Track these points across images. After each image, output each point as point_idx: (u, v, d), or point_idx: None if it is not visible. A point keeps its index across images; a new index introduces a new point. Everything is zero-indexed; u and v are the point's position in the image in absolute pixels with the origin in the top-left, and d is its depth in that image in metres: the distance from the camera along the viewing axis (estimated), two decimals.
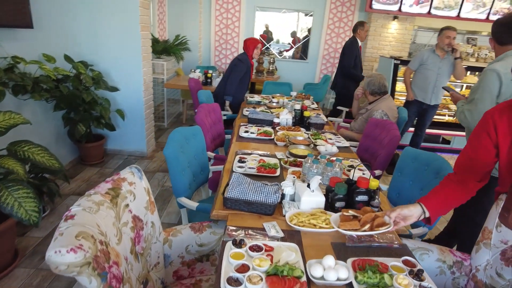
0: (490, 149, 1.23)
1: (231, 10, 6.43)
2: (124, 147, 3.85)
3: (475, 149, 1.28)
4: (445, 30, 3.54)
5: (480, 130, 1.25)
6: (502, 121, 1.18)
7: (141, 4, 3.40)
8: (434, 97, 3.78)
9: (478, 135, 1.26)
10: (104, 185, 1.17)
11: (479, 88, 1.88)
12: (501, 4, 5.73)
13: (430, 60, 3.68)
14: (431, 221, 1.34)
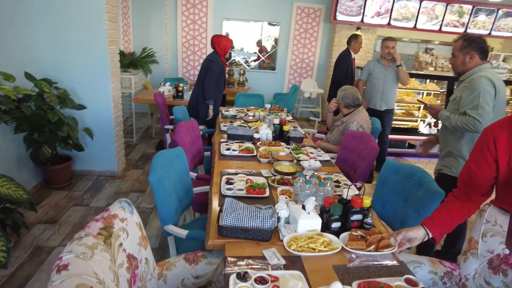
0: (491, 163, 1.27)
1: (198, 21, 6.37)
2: (93, 168, 3.64)
3: (477, 163, 1.31)
4: (385, 41, 3.80)
5: (482, 144, 1.30)
6: (502, 136, 1.23)
7: (108, 17, 3.26)
8: (384, 103, 3.96)
9: (480, 149, 1.31)
10: (94, 224, 1.09)
11: (478, 94, 1.97)
12: (451, 17, 6.20)
13: (376, 69, 3.91)
14: (436, 240, 1.37)
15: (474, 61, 2.08)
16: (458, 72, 2.19)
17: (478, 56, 2.07)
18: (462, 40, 2.10)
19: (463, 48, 2.09)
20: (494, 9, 6.26)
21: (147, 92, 4.87)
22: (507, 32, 6.50)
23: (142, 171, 3.88)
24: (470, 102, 2.00)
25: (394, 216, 1.97)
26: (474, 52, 2.06)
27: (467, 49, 2.07)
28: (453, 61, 2.17)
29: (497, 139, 1.24)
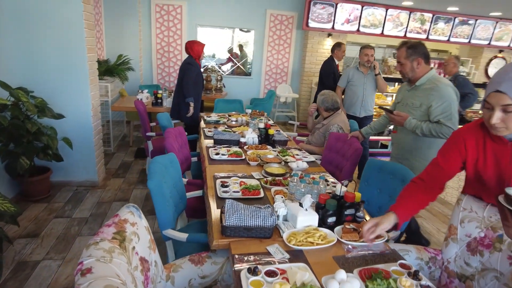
0: (458, 163, 1.43)
1: (172, 28, 6.36)
2: (72, 178, 3.54)
3: (445, 161, 1.47)
4: (364, 49, 3.89)
5: (452, 146, 1.45)
6: (471, 140, 1.38)
7: (87, 25, 3.22)
8: (363, 110, 4.04)
9: (449, 149, 1.46)
10: (107, 229, 1.11)
11: (449, 104, 2.08)
12: (414, 24, 6.62)
13: (356, 76, 4.00)
14: (398, 227, 1.45)
15: (422, 67, 2.19)
16: (409, 78, 2.26)
17: (423, 61, 2.18)
18: (406, 48, 2.20)
19: (409, 56, 2.18)
20: (451, 17, 6.77)
21: (123, 100, 4.80)
22: (463, 39, 7.03)
23: (123, 180, 3.82)
24: (443, 112, 2.08)
25: (378, 211, 2.11)
26: (420, 58, 2.16)
27: (413, 56, 2.17)
28: (402, 68, 2.25)
29: (467, 142, 1.38)
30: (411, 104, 2.26)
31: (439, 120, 2.10)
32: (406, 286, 1.14)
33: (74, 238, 2.69)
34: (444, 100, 2.09)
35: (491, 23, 7.05)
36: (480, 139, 1.36)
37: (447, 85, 2.13)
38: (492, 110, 1.19)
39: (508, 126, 1.19)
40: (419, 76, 2.21)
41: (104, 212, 3.08)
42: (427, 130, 2.13)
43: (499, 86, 1.14)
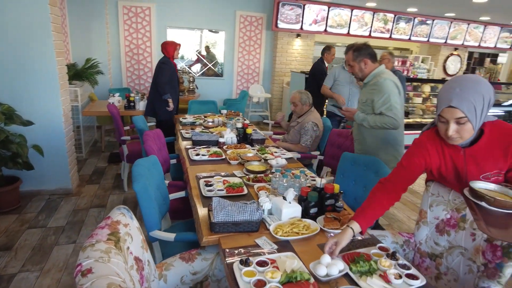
0: (421, 168, 1.51)
1: (141, 30, 6.26)
2: (44, 187, 3.42)
3: (410, 165, 1.51)
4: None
5: (417, 152, 1.50)
6: (432, 148, 1.47)
7: (54, 28, 3.12)
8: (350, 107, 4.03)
9: (414, 155, 1.51)
10: (101, 231, 1.13)
11: (388, 96, 2.23)
12: (378, 24, 6.95)
13: (342, 75, 3.97)
14: (363, 233, 1.48)
15: (369, 66, 2.33)
16: (359, 77, 2.43)
17: (370, 61, 2.32)
18: (352, 51, 2.34)
19: (355, 58, 2.32)
20: (411, 18, 7.17)
21: (94, 104, 4.67)
22: (422, 37, 7.47)
23: (98, 186, 3.73)
24: (383, 104, 2.22)
25: (354, 201, 2.24)
26: (366, 59, 2.31)
27: (360, 57, 2.32)
28: (352, 70, 2.40)
29: (430, 151, 1.48)
30: (361, 100, 2.43)
31: (381, 112, 2.24)
32: (386, 266, 1.25)
33: (51, 248, 2.61)
34: (384, 93, 2.22)
35: (446, 23, 7.55)
36: (439, 146, 1.47)
37: (386, 78, 2.25)
38: (447, 124, 1.31)
39: (462, 136, 1.32)
40: (367, 74, 2.36)
41: (81, 219, 3.01)
42: (373, 122, 2.26)
43: (451, 102, 1.27)
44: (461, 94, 1.28)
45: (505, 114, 6.75)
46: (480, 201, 1.27)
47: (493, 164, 1.39)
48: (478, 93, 1.27)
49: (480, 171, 1.42)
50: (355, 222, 1.44)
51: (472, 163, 1.42)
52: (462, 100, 1.27)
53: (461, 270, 1.50)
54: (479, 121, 1.31)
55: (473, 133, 1.33)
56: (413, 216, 3.43)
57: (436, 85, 6.17)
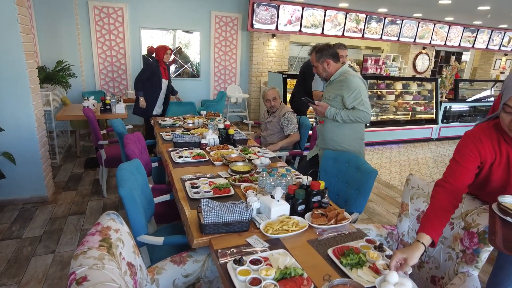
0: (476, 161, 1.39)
1: (114, 31, 6.09)
2: (17, 196, 3.26)
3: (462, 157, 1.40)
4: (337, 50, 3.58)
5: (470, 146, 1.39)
6: (487, 141, 1.36)
7: (23, 29, 2.99)
8: None
9: (467, 146, 1.40)
10: (92, 238, 1.11)
11: (358, 91, 2.31)
12: (351, 24, 7.14)
13: None
14: (435, 245, 1.35)
15: (331, 65, 2.43)
16: (324, 77, 2.52)
17: (332, 61, 2.42)
18: (315, 53, 2.45)
19: (318, 59, 2.43)
20: (382, 18, 7.42)
21: (67, 108, 4.50)
22: (393, 37, 7.75)
23: (75, 193, 3.60)
24: (355, 99, 2.32)
25: (337, 197, 2.31)
26: (328, 59, 2.41)
27: (322, 58, 2.41)
28: (316, 70, 2.51)
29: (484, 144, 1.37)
30: (328, 97, 2.50)
31: (353, 106, 2.33)
32: (374, 257, 1.30)
33: (28, 259, 2.50)
34: (354, 89, 2.32)
35: (414, 23, 7.87)
36: (495, 141, 1.35)
37: (355, 76, 2.37)
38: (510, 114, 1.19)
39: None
40: (331, 73, 2.46)
41: (60, 227, 2.90)
42: (346, 116, 2.34)
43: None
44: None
45: (470, 109, 7.14)
46: (505, 216, 1.20)
47: None
48: None
49: None
50: (425, 235, 1.29)
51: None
52: None
53: (442, 257, 1.58)
54: None
55: None
56: (391, 209, 3.56)
57: (408, 82, 6.43)
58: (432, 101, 6.57)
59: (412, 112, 6.49)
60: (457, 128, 6.81)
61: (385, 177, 4.54)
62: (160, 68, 4.22)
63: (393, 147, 6.18)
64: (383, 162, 5.18)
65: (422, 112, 6.53)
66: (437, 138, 6.72)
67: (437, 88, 6.49)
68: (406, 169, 4.94)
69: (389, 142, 6.25)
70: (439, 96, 6.54)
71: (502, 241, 1.15)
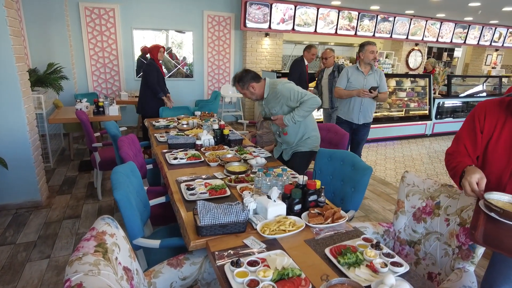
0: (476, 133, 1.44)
1: (106, 32, 6.04)
2: (10, 200, 3.22)
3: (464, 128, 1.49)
4: (368, 45, 3.37)
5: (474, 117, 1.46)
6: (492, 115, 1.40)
7: (12, 31, 2.94)
8: (362, 116, 3.57)
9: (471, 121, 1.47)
10: (86, 243, 1.09)
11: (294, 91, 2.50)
12: (343, 22, 7.15)
13: (354, 76, 3.49)
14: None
15: (257, 87, 2.56)
16: (257, 99, 2.67)
17: (255, 83, 2.55)
18: (237, 83, 2.58)
19: (242, 87, 2.57)
20: (374, 15, 7.45)
21: (60, 111, 4.45)
22: (385, 34, 7.78)
23: (70, 196, 3.57)
24: (296, 97, 2.49)
25: (333, 195, 2.31)
26: (251, 83, 2.54)
27: (246, 85, 2.55)
28: (247, 96, 2.63)
29: (487, 115, 1.41)
30: (275, 112, 2.63)
31: (300, 102, 2.49)
32: (372, 256, 1.30)
33: (23, 265, 2.47)
34: (288, 92, 2.51)
35: (407, 20, 7.91)
36: (502, 118, 1.38)
37: (280, 82, 2.56)
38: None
39: None
40: (261, 93, 2.61)
41: (55, 232, 2.87)
42: (301, 112, 2.49)
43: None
44: None
45: (463, 105, 7.20)
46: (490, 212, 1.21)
47: None
48: None
49: None
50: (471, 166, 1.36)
51: None
52: None
53: (438, 254, 1.59)
54: None
55: None
56: (387, 206, 3.58)
57: (401, 79, 6.46)
58: (425, 97, 6.62)
59: (406, 109, 6.53)
60: (451, 124, 6.86)
61: (380, 174, 4.56)
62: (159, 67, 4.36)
63: (388, 144, 6.21)
64: (378, 159, 5.21)
65: (415, 108, 6.57)
66: (431, 134, 6.77)
67: (430, 84, 6.54)
68: (401, 165, 4.97)
69: (383, 139, 6.28)
70: (432, 92, 6.59)
71: (482, 236, 1.20)
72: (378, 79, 3.51)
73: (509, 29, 9.55)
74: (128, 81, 6.46)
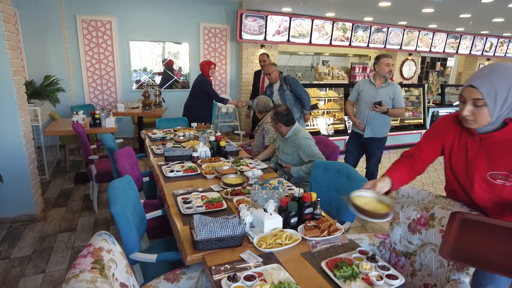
0: (438, 146, 1.55)
1: (102, 44, 6.08)
2: (4, 214, 3.19)
3: (428, 143, 1.58)
4: (384, 58, 3.32)
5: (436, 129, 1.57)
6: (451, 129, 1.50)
7: (10, 46, 2.97)
8: (370, 129, 3.45)
9: (433, 133, 1.58)
10: (83, 260, 1.10)
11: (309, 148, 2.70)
12: (338, 33, 7.26)
13: (365, 89, 3.45)
14: (392, 189, 1.55)
15: (283, 128, 2.83)
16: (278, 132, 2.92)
17: (284, 125, 2.82)
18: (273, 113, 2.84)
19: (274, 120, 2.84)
20: (368, 26, 7.57)
21: (56, 123, 4.45)
22: (379, 44, 7.90)
23: (66, 209, 3.55)
24: (308, 156, 2.69)
25: (329, 206, 2.32)
26: (280, 124, 2.81)
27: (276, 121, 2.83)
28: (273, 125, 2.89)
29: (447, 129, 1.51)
30: (287, 152, 2.87)
31: (309, 159, 2.69)
32: (367, 269, 1.31)
33: (17, 280, 2.44)
34: (306, 146, 2.71)
35: (400, 31, 8.05)
36: (459, 130, 1.48)
37: (303, 136, 2.75)
38: (464, 104, 1.31)
39: (477, 119, 1.30)
40: (284, 133, 2.86)
41: (50, 246, 2.84)
42: (307, 170, 2.66)
43: (473, 82, 1.27)
44: (486, 77, 1.26)
45: None
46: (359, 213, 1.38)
47: (506, 163, 1.33)
48: (505, 80, 1.24)
49: (490, 167, 1.37)
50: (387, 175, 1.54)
51: (484, 154, 1.38)
52: (485, 82, 1.25)
53: (434, 265, 1.60)
54: (500, 110, 1.27)
55: (489, 120, 1.29)
56: None
57: None
58: (419, 106, 6.69)
59: (401, 118, 6.59)
60: None
61: None
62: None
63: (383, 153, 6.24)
64: None
65: (410, 117, 6.64)
66: None
67: (424, 93, 6.62)
68: None
69: None
70: (426, 101, 6.67)
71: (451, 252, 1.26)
72: (392, 93, 3.34)
73: (500, 39, 9.73)
74: (125, 93, 6.48)
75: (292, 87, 4.08)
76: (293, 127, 2.84)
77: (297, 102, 4.15)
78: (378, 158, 3.62)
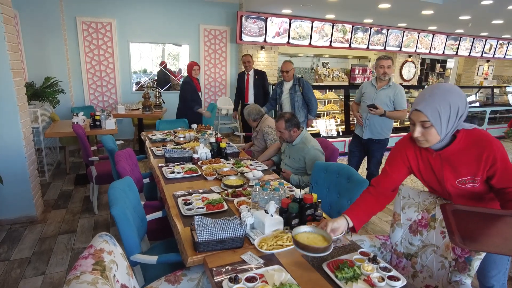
0: (404, 170, 1.63)
1: (103, 45, 6.08)
2: (4, 216, 3.19)
3: (392, 168, 1.65)
4: (379, 60, 3.33)
5: (397, 155, 1.64)
6: (411, 150, 1.59)
7: (10, 47, 2.97)
8: (369, 130, 3.45)
9: (395, 158, 1.64)
10: (84, 261, 1.09)
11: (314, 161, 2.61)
12: (338, 34, 7.28)
13: (367, 91, 3.45)
14: (356, 230, 1.59)
15: (296, 133, 2.81)
16: (286, 140, 2.85)
17: (297, 129, 2.80)
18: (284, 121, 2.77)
19: (287, 127, 2.77)
20: (368, 28, 7.59)
21: (56, 125, 4.45)
22: (379, 46, 7.91)
23: (66, 210, 3.54)
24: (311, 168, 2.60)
25: (330, 208, 2.32)
26: (295, 128, 2.78)
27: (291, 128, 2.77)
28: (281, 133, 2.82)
29: (407, 152, 1.60)
30: (293, 158, 2.84)
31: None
32: (369, 270, 1.31)
33: (17, 282, 2.43)
34: (313, 157, 2.68)
35: (399, 32, 8.06)
36: (417, 148, 1.56)
37: (312, 145, 2.73)
38: (414, 126, 1.41)
39: (428, 139, 1.41)
40: (294, 138, 2.83)
41: (50, 248, 2.84)
42: (306, 180, 2.69)
43: (418, 106, 1.37)
44: (428, 100, 1.36)
45: None
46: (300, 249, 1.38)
47: (467, 169, 1.44)
48: (445, 101, 1.35)
49: (456, 176, 1.48)
50: (346, 215, 1.57)
51: (448, 166, 1.48)
52: (428, 105, 1.35)
53: (435, 266, 1.60)
54: (446, 128, 1.38)
55: (439, 138, 1.40)
56: (384, 217, 3.58)
57: None
58: None
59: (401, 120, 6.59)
60: None
61: None
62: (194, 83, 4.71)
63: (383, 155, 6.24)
64: None
65: None
66: None
67: None
68: None
69: None
70: None
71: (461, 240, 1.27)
72: (392, 95, 3.29)
73: (499, 41, 9.76)
74: (125, 94, 6.48)
75: (304, 90, 4.13)
76: (301, 133, 2.83)
77: (304, 106, 4.19)
78: (378, 160, 3.59)
